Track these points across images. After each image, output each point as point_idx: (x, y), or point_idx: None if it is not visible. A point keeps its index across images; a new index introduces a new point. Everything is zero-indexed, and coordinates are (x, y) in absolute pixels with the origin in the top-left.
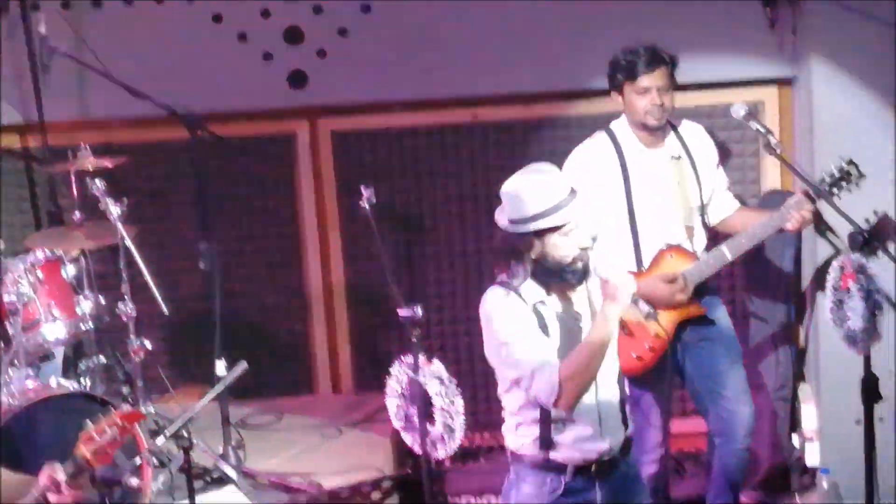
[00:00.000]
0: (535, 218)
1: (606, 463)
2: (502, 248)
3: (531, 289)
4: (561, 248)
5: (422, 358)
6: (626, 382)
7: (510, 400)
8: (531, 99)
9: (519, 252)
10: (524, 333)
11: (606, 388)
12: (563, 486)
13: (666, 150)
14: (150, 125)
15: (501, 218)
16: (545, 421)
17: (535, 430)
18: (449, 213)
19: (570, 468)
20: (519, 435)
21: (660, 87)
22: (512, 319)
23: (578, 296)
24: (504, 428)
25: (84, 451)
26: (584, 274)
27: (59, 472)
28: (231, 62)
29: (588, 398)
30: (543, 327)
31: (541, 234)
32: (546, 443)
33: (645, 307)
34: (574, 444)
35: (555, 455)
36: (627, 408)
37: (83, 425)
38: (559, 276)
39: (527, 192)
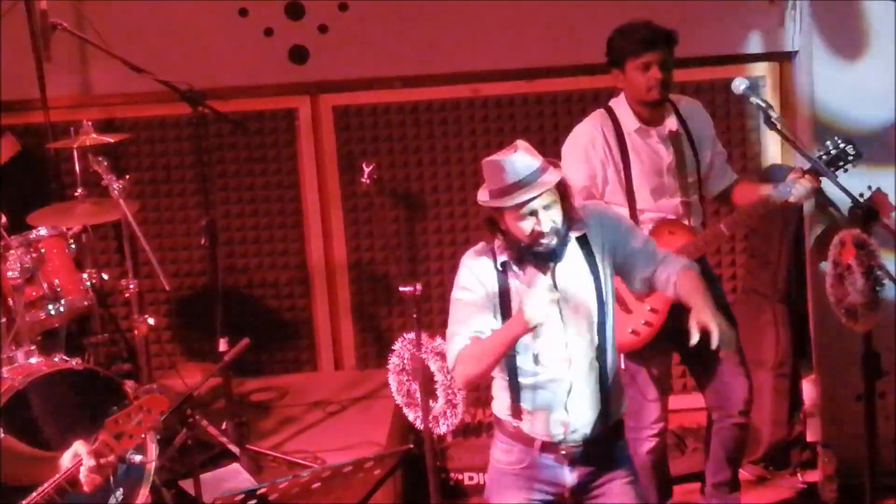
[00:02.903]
0: (491, 196)
1: (580, 444)
2: (484, 218)
3: (504, 256)
4: (517, 230)
5: (424, 334)
6: (622, 363)
7: None
8: (532, 74)
9: (493, 223)
10: (467, 298)
11: (578, 368)
12: (528, 459)
13: (664, 126)
14: (151, 101)
15: (481, 192)
16: (514, 391)
17: (507, 397)
18: (450, 188)
19: (538, 443)
20: (496, 399)
21: (660, 62)
22: (465, 281)
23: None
24: (492, 387)
25: (109, 437)
26: (541, 257)
27: (89, 458)
28: (232, 37)
29: (557, 375)
30: (505, 296)
31: (500, 211)
32: (515, 413)
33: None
34: (537, 419)
35: (522, 426)
36: (613, 394)
37: (91, 413)
38: (521, 255)
39: (490, 169)
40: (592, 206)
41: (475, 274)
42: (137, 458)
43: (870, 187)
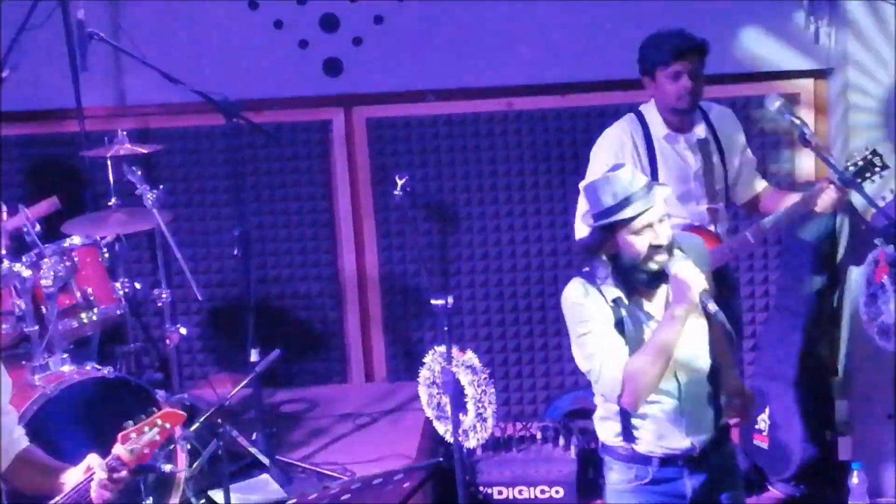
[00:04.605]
0: (605, 213)
1: (695, 456)
2: (584, 246)
3: (611, 286)
4: (632, 247)
5: (454, 347)
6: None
7: (596, 392)
8: (566, 88)
9: (597, 250)
10: (598, 328)
11: (691, 386)
12: (649, 476)
13: (693, 133)
14: (186, 112)
15: (583, 216)
16: (625, 415)
17: (618, 424)
18: (483, 202)
19: (656, 460)
20: (604, 427)
21: (691, 71)
22: (587, 312)
23: (659, 300)
24: (593, 417)
25: (122, 450)
26: (658, 276)
27: (101, 471)
28: (267, 49)
29: (669, 396)
30: (619, 325)
31: (613, 230)
32: (628, 436)
33: (714, 306)
34: (655, 441)
35: (638, 448)
36: (721, 399)
37: (122, 423)
38: (634, 276)
39: (599, 188)
40: (683, 234)
41: (588, 302)
42: (168, 467)
43: (892, 190)
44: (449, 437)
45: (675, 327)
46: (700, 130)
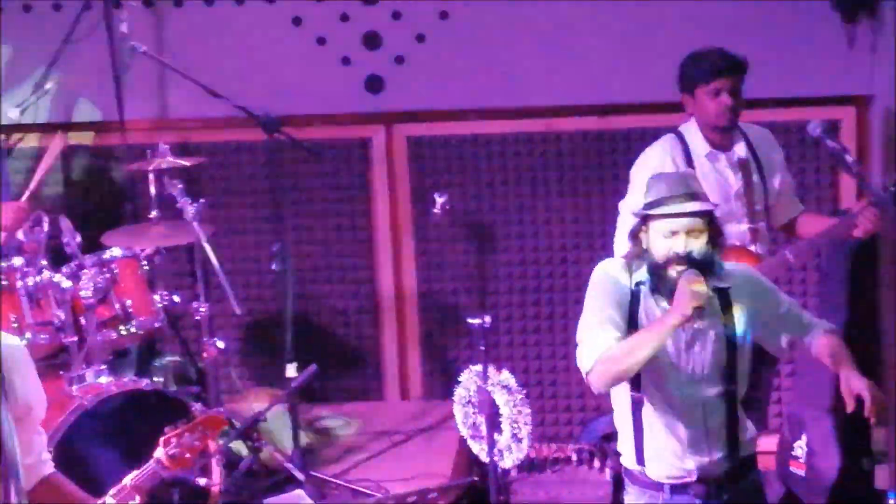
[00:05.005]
0: (648, 205)
1: (709, 484)
2: (630, 231)
3: (642, 277)
4: (656, 247)
5: (491, 367)
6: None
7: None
8: (606, 110)
9: (635, 237)
10: (604, 302)
11: (698, 406)
12: (660, 503)
13: (733, 152)
14: (227, 126)
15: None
16: (638, 434)
17: (630, 440)
18: (521, 222)
19: (667, 487)
20: (623, 448)
21: (731, 89)
22: (602, 285)
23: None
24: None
25: (162, 454)
26: (674, 284)
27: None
28: (309, 65)
29: (673, 411)
30: (635, 309)
31: (648, 223)
32: (639, 458)
33: (701, 324)
34: (662, 460)
35: (648, 472)
36: (744, 430)
37: (161, 424)
38: (658, 277)
39: (656, 180)
40: (742, 268)
41: (612, 278)
42: (203, 481)
43: None
44: (484, 457)
45: (661, 331)
46: (740, 150)
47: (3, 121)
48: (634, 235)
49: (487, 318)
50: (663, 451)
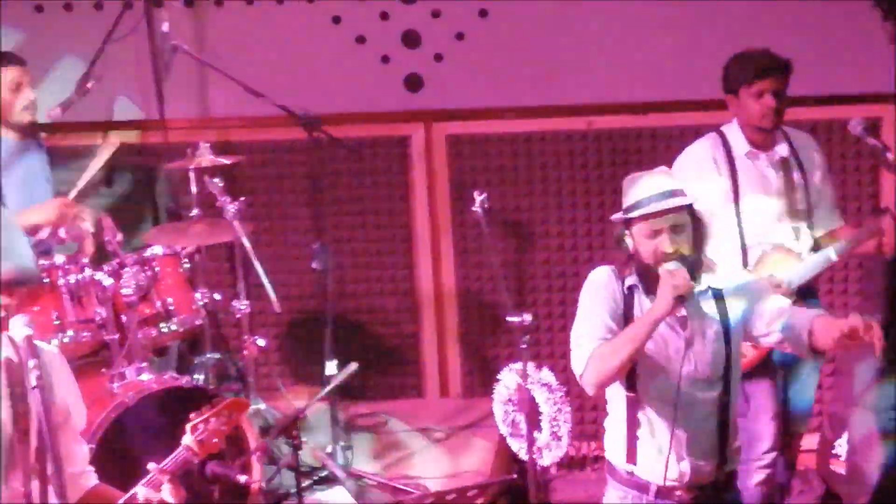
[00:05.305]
0: (627, 209)
1: (694, 491)
2: (615, 238)
3: (633, 280)
4: (645, 248)
5: (531, 365)
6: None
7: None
8: (647, 108)
9: (619, 243)
10: (594, 307)
11: (695, 407)
12: None
13: (774, 152)
14: (267, 125)
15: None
16: (630, 431)
17: (622, 438)
18: (561, 220)
19: (653, 488)
20: (610, 441)
21: (774, 90)
22: (592, 296)
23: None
24: (605, 432)
25: (191, 440)
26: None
27: (152, 493)
28: (349, 64)
29: (669, 412)
30: (629, 312)
31: (630, 227)
32: (630, 454)
33: (684, 312)
34: (654, 460)
35: (637, 471)
36: (732, 440)
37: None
38: (648, 276)
39: (628, 184)
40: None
41: (603, 286)
42: (243, 478)
43: None
44: (523, 455)
45: (646, 323)
46: (782, 149)
47: (45, 119)
48: (619, 241)
49: (527, 316)
50: (656, 452)
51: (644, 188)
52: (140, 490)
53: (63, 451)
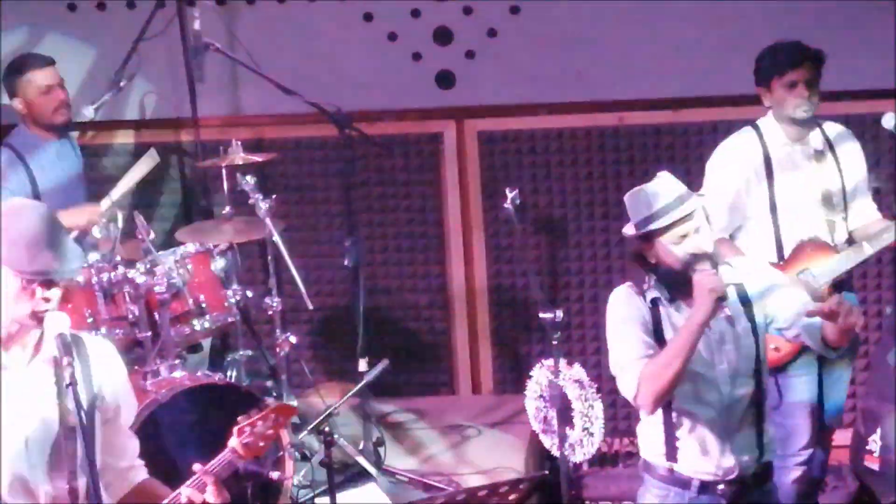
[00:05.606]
0: (641, 223)
1: (736, 485)
2: (630, 255)
3: (654, 292)
4: (671, 255)
5: (562, 361)
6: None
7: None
8: (678, 104)
9: (641, 257)
10: (627, 329)
11: (734, 402)
12: (685, 502)
13: (811, 145)
14: (299, 122)
15: (627, 226)
16: (669, 430)
17: (660, 436)
18: (593, 216)
19: (695, 483)
20: (646, 440)
21: (807, 81)
22: (621, 317)
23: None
24: (637, 428)
25: (237, 443)
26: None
27: (196, 494)
28: (380, 61)
29: (712, 409)
30: (658, 328)
31: (652, 238)
32: (670, 452)
33: (730, 313)
34: (696, 457)
35: (678, 468)
36: (768, 432)
37: (235, 418)
38: (674, 284)
39: (635, 199)
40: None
41: (627, 305)
42: (276, 474)
43: None
44: (555, 451)
45: (692, 333)
46: (816, 142)
47: (78, 119)
48: (637, 256)
49: (559, 313)
50: (697, 449)
51: (660, 197)
52: (184, 490)
53: (115, 445)
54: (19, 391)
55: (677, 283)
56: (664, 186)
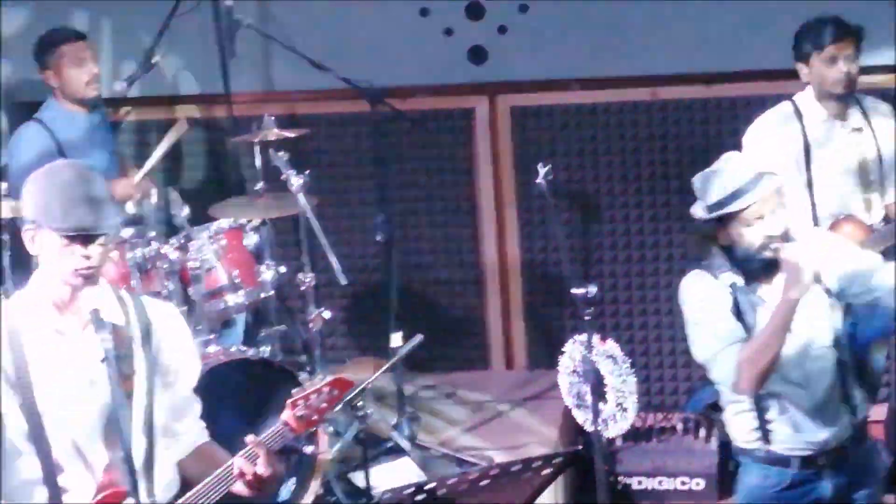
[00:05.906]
0: (716, 206)
1: (834, 454)
2: (698, 236)
3: (728, 273)
4: (745, 237)
5: (595, 337)
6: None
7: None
8: (711, 78)
9: (712, 239)
10: (713, 316)
11: (821, 375)
12: (788, 480)
13: (849, 122)
14: (332, 98)
15: (695, 208)
16: (761, 412)
17: (751, 420)
18: (626, 191)
19: (796, 460)
20: (738, 426)
21: (847, 56)
22: (702, 301)
23: (777, 284)
24: (724, 416)
25: (290, 416)
26: (774, 263)
27: (247, 465)
28: (413, 37)
29: (800, 386)
30: (738, 313)
31: (725, 221)
32: (764, 435)
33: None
34: (790, 435)
35: (775, 448)
36: (855, 396)
37: (268, 393)
38: (750, 265)
39: (709, 180)
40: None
41: (707, 290)
42: (310, 449)
43: None
44: (588, 426)
45: (788, 311)
46: (855, 118)
47: (111, 94)
48: (707, 240)
49: (592, 288)
50: (791, 427)
51: (735, 177)
52: (237, 461)
53: (175, 408)
54: (75, 357)
55: (753, 265)
56: (741, 165)
